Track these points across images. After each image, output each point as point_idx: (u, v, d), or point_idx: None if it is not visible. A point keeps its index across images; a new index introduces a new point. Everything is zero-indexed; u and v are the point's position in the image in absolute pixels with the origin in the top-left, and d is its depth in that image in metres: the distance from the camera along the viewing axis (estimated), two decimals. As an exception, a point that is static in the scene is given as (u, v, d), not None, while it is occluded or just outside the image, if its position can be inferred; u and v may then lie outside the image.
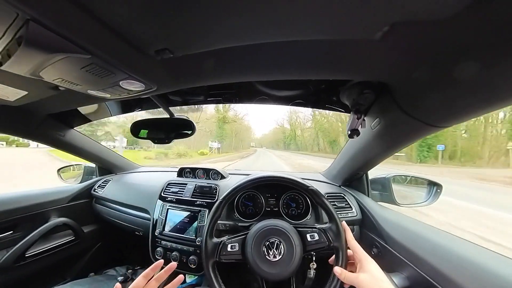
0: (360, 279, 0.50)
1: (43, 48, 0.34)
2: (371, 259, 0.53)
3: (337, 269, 0.55)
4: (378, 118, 0.62)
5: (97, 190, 1.30)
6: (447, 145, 20.44)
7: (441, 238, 0.63)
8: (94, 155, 1.29)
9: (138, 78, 0.51)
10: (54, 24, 0.31)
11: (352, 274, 0.53)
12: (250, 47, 0.40)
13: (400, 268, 0.67)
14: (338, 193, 0.98)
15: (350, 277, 0.52)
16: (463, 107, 0.45)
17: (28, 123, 0.89)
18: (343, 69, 0.50)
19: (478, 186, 8.15)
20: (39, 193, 1.12)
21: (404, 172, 1.09)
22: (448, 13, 0.28)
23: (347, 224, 0.62)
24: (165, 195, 1.03)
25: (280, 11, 0.30)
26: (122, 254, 1.49)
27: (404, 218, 0.79)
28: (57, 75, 0.44)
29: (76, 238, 1.16)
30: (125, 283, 1.08)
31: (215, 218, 0.67)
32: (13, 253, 0.91)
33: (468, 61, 0.35)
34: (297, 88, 0.81)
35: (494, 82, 0.36)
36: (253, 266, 0.59)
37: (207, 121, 36.32)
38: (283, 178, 0.69)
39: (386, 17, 0.31)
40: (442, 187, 0.94)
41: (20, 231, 0.98)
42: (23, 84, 0.57)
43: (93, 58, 0.39)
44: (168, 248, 0.92)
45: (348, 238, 0.59)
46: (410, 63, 0.42)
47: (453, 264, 0.54)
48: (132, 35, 0.36)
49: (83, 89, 0.53)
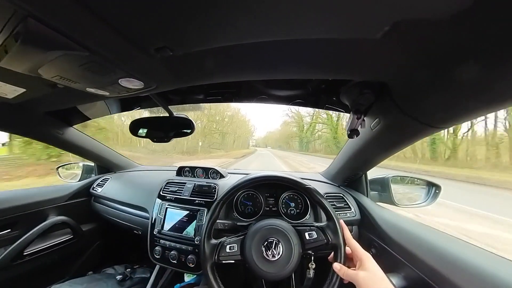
0: (359, 276, 0.50)
1: (41, 45, 0.34)
2: (371, 257, 0.53)
3: (337, 265, 0.55)
4: (378, 119, 0.62)
5: (96, 189, 1.30)
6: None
7: (439, 238, 0.63)
8: (93, 153, 1.28)
9: (137, 76, 0.50)
10: (52, 21, 0.31)
11: (352, 271, 0.52)
12: (250, 45, 0.40)
13: (398, 268, 0.67)
14: (337, 193, 0.99)
15: (349, 274, 0.52)
16: (463, 108, 0.45)
17: (26, 121, 0.89)
18: (344, 68, 0.50)
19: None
20: (38, 191, 1.12)
21: (403, 173, 1.09)
22: (450, 13, 0.28)
23: (345, 224, 0.62)
24: (164, 194, 1.03)
25: (281, 8, 0.30)
26: (121, 253, 1.49)
27: (402, 218, 0.79)
28: (56, 72, 0.44)
29: (74, 237, 1.16)
30: (123, 281, 1.08)
31: (213, 218, 0.67)
32: (11, 251, 0.91)
33: (469, 62, 0.35)
34: (297, 88, 0.81)
35: (495, 83, 0.36)
36: (252, 266, 0.59)
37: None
38: (281, 178, 0.69)
39: (388, 16, 0.30)
40: (441, 188, 0.94)
41: (18, 229, 0.98)
42: (21, 81, 0.57)
43: (92, 56, 0.39)
44: (166, 247, 0.92)
45: (346, 236, 0.59)
46: (410, 63, 0.42)
47: (450, 265, 0.54)
48: (131, 33, 0.36)
49: (82, 86, 0.53)
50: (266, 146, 79.90)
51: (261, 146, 77.39)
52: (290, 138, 59.68)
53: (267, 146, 79.89)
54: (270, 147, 74.03)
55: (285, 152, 39.42)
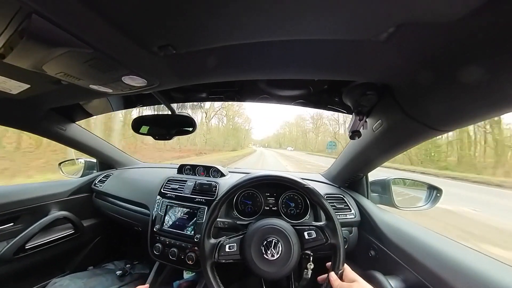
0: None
1: (45, 41, 0.34)
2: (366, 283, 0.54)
3: (332, 275, 0.56)
4: (380, 120, 0.62)
5: (98, 185, 1.31)
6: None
7: (438, 242, 0.63)
8: (95, 150, 1.29)
9: (140, 73, 0.50)
10: (57, 18, 0.31)
11: (346, 284, 0.54)
12: (253, 45, 0.40)
13: (397, 271, 0.67)
14: (338, 194, 0.98)
15: (344, 286, 0.53)
16: (467, 112, 0.44)
17: (29, 117, 0.89)
18: (347, 69, 0.50)
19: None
20: (40, 186, 1.13)
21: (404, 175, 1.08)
22: (454, 16, 0.28)
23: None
24: (165, 191, 1.03)
25: (285, 8, 0.30)
26: (121, 249, 1.50)
27: (402, 221, 0.79)
28: (60, 69, 0.44)
29: (75, 232, 1.17)
30: (123, 277, 1.09)
31: (213, 217, 0.67)
32: (13, 245, 0.92)
33: (473, 65, 0.35)
34: (299, 88, 0.80)
35: (499, 86, 0.36)
36: (251, 265, 0.60)
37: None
38: (281, 177, 0.69)
39: (392, 18, 0.30)
40: (442, 191, 0.93)
41: (20, 224, 0.99)
42: (25, 77, 0.58)
43: (95, 53, 0.39)
44: (166, 244, 0.92)
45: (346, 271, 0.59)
46: (414, 66, 0.42)
47: (450, 269, 0.54)
48: (135, 31, 0.36)
49: (85, 83, 0.53)
50: (269, 146, 79.28)
51: (264, 147, 76.90)
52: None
53: (270, 146, 79.21)
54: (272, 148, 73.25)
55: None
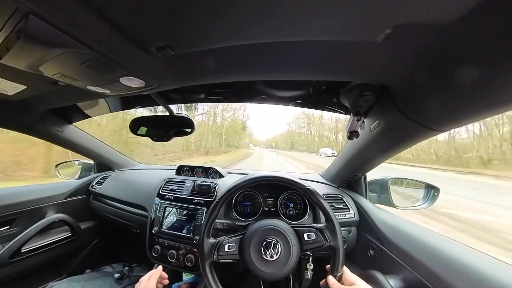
0: None
1: (42, 42, 0.34)
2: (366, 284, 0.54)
3: (331, 279, 0.56)
4: (378, 121, 0.62)
5: (95, 187, 1.30)
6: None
7: (437, 241, 0.64)
8: (93, 151, 1.28)
9: (138, 74, 0.50)
10: (54, 18, 0.31)
11: (345, 287, 0.54)
12: (251, 46, 0.40)
13: (396, 270, 0.67)
14: (336, 194, 0.99)
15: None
16: (464, 112, 0.45)
17: (26, 118, 0.88)
18: (344, 70, 0.50)
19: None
20: (37, 189, 1.12)
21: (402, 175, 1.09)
22: (451, 17, 0.28)
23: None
24: (163, 193, 1.03)
25: (283, 10, 0.30)
26: (119, 251, 1.49)
27: (401, 220, 0.79)
28: (57, 69, 0.44)
29: (73, 234, 1.16)
30: (121, 280, 1.08)
31: (212, 218, 0.67)
32: (9, 249, 0.91)
33: (470, 66, 0.35)
34: (297, 89, 0.81)
35: (496, 87, 0.36)
36: (250, 266, 0.59)
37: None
38: (280, 178, 0.69)
39: (389, 20, 0.31)
40: (440, 190, 0.94)
41: (16, 227, 0.97)
42: (22, 78, 0.57)
43: (93, 54, 0.39)
44: (165, 246, 0.92)
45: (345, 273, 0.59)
46: (411, 66, 0.42)
47: (448, 268, 0.54)
48: (133, 31, 0.36)
49: (83, 84, 0.53)
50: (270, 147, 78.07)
51: (265, 147, 75.93)
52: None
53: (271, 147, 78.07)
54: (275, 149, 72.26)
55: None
